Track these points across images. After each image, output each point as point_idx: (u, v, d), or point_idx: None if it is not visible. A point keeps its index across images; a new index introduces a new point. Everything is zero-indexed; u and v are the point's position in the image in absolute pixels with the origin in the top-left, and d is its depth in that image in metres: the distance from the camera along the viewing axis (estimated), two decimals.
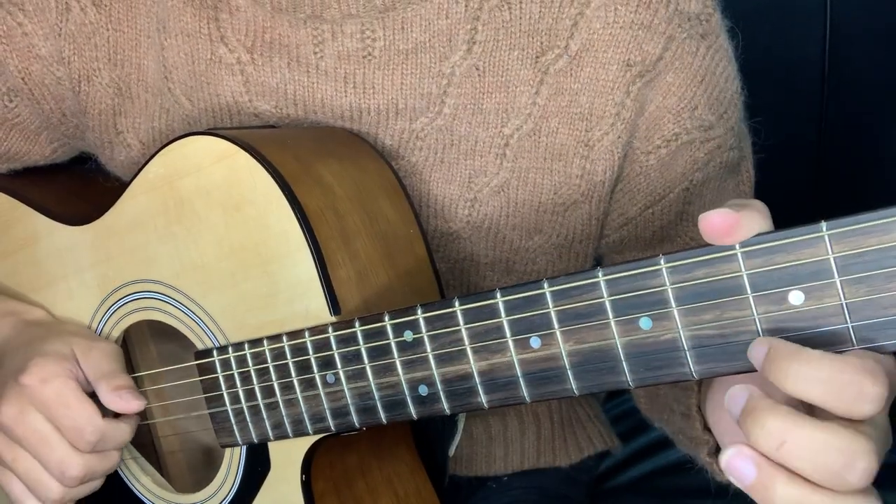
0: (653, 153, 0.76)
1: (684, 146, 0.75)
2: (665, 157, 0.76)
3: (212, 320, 0.70)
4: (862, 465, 0.43)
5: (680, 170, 0.76)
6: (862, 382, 0.43)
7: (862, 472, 0.43)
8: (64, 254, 0.78)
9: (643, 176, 0.77)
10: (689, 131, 0.75)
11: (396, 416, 0.62)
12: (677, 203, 0.77)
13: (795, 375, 0.44)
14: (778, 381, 0.44)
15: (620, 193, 0.79)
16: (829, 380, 0.43)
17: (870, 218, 0.44)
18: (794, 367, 0.44)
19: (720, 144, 0.76)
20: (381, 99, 0.74)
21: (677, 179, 0.76)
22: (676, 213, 0.77)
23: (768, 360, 0.45)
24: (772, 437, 0.44)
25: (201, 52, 0.76)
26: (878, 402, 0.43)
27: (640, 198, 0.78)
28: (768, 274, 0.47)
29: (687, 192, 0.77)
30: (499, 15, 0.73)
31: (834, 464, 0.43)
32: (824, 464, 0.43)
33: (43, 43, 0.79)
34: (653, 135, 0.75)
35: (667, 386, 0.74)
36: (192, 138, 0.69)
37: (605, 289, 0.52)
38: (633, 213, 0.79)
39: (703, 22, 0.74)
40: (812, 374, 0.43)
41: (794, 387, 0.44)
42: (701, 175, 0.76)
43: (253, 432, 0.69)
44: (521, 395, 0.56)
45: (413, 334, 0.59)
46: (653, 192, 0.77)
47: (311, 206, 0.65)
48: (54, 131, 0.85)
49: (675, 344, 0.50)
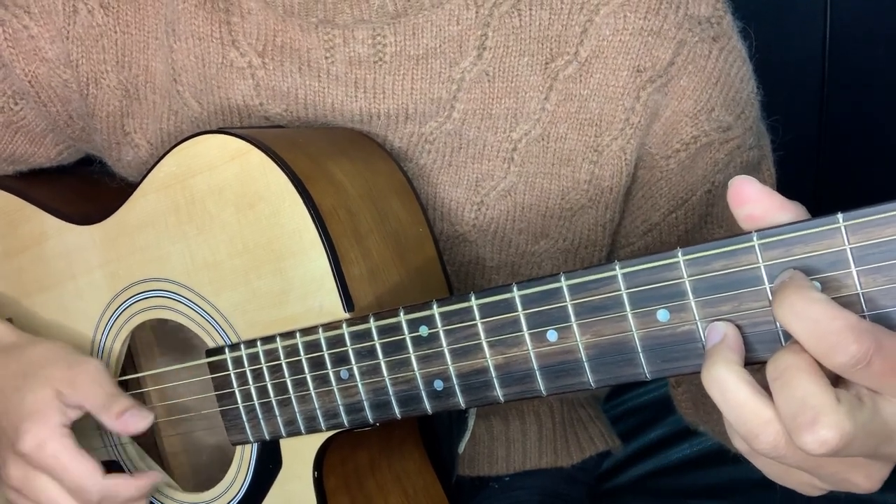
0: (672, 157, 0.76)
1: (704, 148, 0.76)
2: (685, 161, 0.76)
3: (224, 318, 0.71)
4: (823, 432, 0.44)
5: (701, 172, 0.77)
6: (844, 338, 0.44)
7: (818, 440, 0.44)
8: (72, 253, 0.79)
9: (664, 181, 0.77)
10: (707, 133, 0.75)
11: (411, 411, 0.62)
12: (701, 206, 0.78)
13: (790, 306, 0.45)
14: (775, 306, 0.46)
15: (643, 200, 0.79)
16: (815, 320, 0.44)
17: (885, 209, 0.45)
18: (792, 299, 0.45)
19: (740, 144, 0.77)
20: (391, 103, 0.75)
21: (699, 182, 0.77)
22: (700, 216, 0.78)
23: (779, 287, 0.46)
24: (776, 369, 0.46)
25: (212, 55, 0.76)
26: (853, 358, 0.44)
27: (663, 203, 0.78)
28: (786, 265, 0.47)
29: (710, 195, 0.77)
30: (509, 21, 0.74)
31: (801, 415, 0.44)
32: (795, 412, 0.45)
33: (50, 46, 0.79)
34: (671, 139, 0.76)
35: None
36: (204, 137, 0.69)
37: (622, 282, 0.52)
38: (657, 218, 0.79)
39: (714, 24, 0.75)
40: (803, 311, 0.45)
41: (783, 316, 0.45)
42: (722, 176, 0.77)
43: (265, 429, 0.69)
44: (537, 388, 0.57)
45: (429, 329, 0.60)
46: (675, 196, 0.78)
47: (324, 204, 0.66)
48: (60, 133, 0.85)
49: (692, 335, 0.51)
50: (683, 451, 1.00)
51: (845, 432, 0.44)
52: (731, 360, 0.48)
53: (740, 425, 0.47)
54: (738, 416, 0.47)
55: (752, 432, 0.47)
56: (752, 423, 0.47)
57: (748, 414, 0.47)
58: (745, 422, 0.47)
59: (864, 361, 0.44)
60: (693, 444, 1.00)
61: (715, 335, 0.49)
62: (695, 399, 0.81)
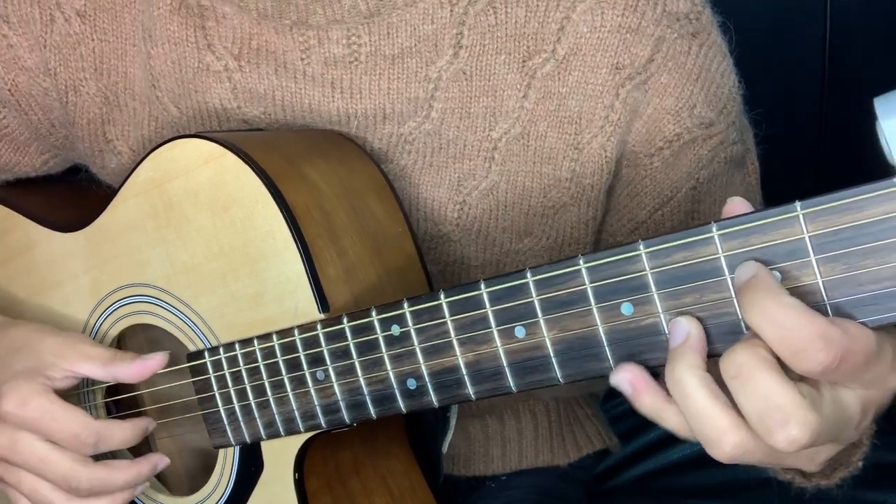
0: (656, 155, 0.76)
1: (687, 145, 0.76)
2: (669, 158, 0.76)
3: (203, 322, 0.71)
4: (794, 431, 0.44)
5: (685, 169, 0.76)
6: (814, 345, 0.44)
7: (789, 439, 0.44)
8: (58, 261, 0.79)
9: (649, 179, 0.77)
10: (690, 130, 0.75)
11: (386, 411, 0.62)
12: (686, 203, 0.77)
13: (762, 310, 0.45)
14: (743, 307, 0.46)
15: (628, 198, 0.79)
16: (788, 328, 0.44)
17: (842, 196, 0.45)
18: (765, 303, 0.45)
19: (723, 140, 0.77)
20: (368, 103, 0.75)
21: (683, 179, 0.77)
22: (686, 212, 0.78)
23: (747, 286, 0.46)
24: (733, 366, 0.46)
25: (188, 60, 0.77)
26: (820, 366, 0.44)
27: (648, 201, 0.78)
28: (745, 255, 0.47)
29: (694, 191, 0.77)
30: (484, 19, 0.73)
31: (768, 417, 0.45)
32: (761, 412, 0.45)
33: (28, 55, 0.80)
34: (654, 137, 0.75)
35: None
36: (179, 141, 0.70)
37: (586, 276, 0.52)
38: (643, 216, 0.79)
39: (692, 20, 0.74)
40: (775, 317, 0.44)
41: (753, 319, 0.45)
42: (707, 172, 0.76)
43: (245, 432, 0.69)
44: (506, 385, 0.56)
45: (400, 328, 0.60)
46: (660, 193, 0.77)
47: (297, 205, 0.66)
48: (43, 142, 0.86)
49: (656, 328, 0.50)
50: (683, 451, 1.00)
51: (814, 428, 0.44)
52: (693, 364, 0.48)
53: (699, 431, 0.47)
54: (697, 421, 0.47)
55: (710, 439, 0.47)
56: (710, 431, 0.47)
57: (707, 421, 0.47)
58: (703, 428, 0.47)
59: (832, 368, 0.44)
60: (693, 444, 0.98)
61: (679, 334, 0.49)
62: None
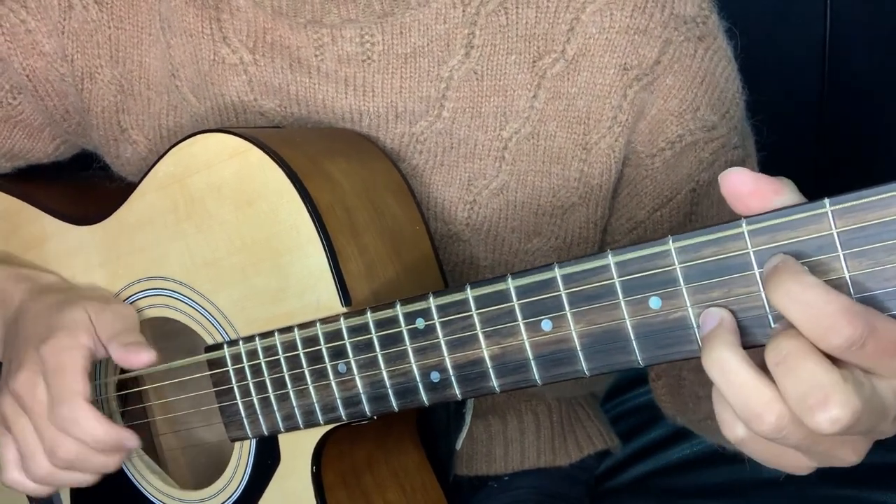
0: (657, 156, 0.77)
1: (689, 147, 0.77)
2: (670, 159, 0.77)
3: (223, 316, 0.71)
4: (835, 411, 0.44)
5: (686, 171, 0.78)
6: (839, 320, 0.44)
7: (831, 418, 0.45)
8: (73, 253, 0.79)
9: (649, 179, 0.78)
10: (692, 132, 0.76)
11: (408, 404, 0.63)
12: (685, 204, 0.78)
13: (786, 291, 0.46)
14: (769, 292, 0.47)
15: (628, 198, 0.80)
16: (812, 304, 0.45)
17: (870, 193, 0.46)
18: (788, 284, 0.46)
19: (724, 144, 0.78)
20: (380, 102, 0.76)
21: (684, 181, 0.78)
22: (685, 214, 0.79)
23: (773, 271, 0.47)
24: (778, 353, 0.46)
25: (204, 51, 0.77)
26: (848, 340, 0.45)
27: (648, 201, 0.79)
28: (774, 250, 0.48)
29: (694, 194, 0.78)
30: (496, 20, 0.75)
31: (807, 393, 0.45)
32: (802, 394, 0.45)
33: (46, 40, 0.81)
34: (656, 138, 0.77)
35: (691, 373, 0.76)
36: (202, 136, 0.70)
37: (615, 270, 0.53)
38: (642, 216, 0.80)
39: (699, 24, 0.76)
40: (798, 295, 0.45)
41: (779, 301, 0.46)
42: (707, 175, 0.78)
43: (263, 425, 0.70)
44: (532, 377, 0.57)
45: (425, 321, 0.60)
46: (660, 194, 0.79)
47: (321, 201, 0.67)
48: (57, 128, 0.87)
49: (684, 322, 0.51)
50: (683, 451, 1.01)
51: (856, 409, 0.45)
52: (732, 343, 0.48)
53: (742, 407, 0.47)
54: (740, 397, 0.47)
55: (754, 413, 0.47)
56: (754, 404, 0.47)
57: (751, 394, 0.47)
58: (747, 402, 0.47)
59: (859, 343, 0.45)
60: (693, 444, 1.00)
61: (711, 320, 0.50)
62: (673, 391, 0.81)
